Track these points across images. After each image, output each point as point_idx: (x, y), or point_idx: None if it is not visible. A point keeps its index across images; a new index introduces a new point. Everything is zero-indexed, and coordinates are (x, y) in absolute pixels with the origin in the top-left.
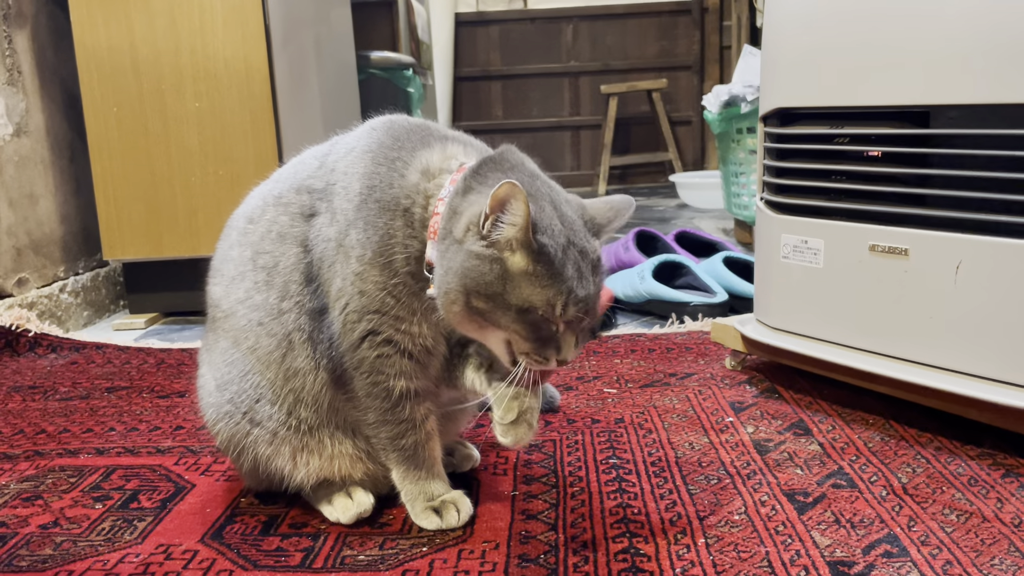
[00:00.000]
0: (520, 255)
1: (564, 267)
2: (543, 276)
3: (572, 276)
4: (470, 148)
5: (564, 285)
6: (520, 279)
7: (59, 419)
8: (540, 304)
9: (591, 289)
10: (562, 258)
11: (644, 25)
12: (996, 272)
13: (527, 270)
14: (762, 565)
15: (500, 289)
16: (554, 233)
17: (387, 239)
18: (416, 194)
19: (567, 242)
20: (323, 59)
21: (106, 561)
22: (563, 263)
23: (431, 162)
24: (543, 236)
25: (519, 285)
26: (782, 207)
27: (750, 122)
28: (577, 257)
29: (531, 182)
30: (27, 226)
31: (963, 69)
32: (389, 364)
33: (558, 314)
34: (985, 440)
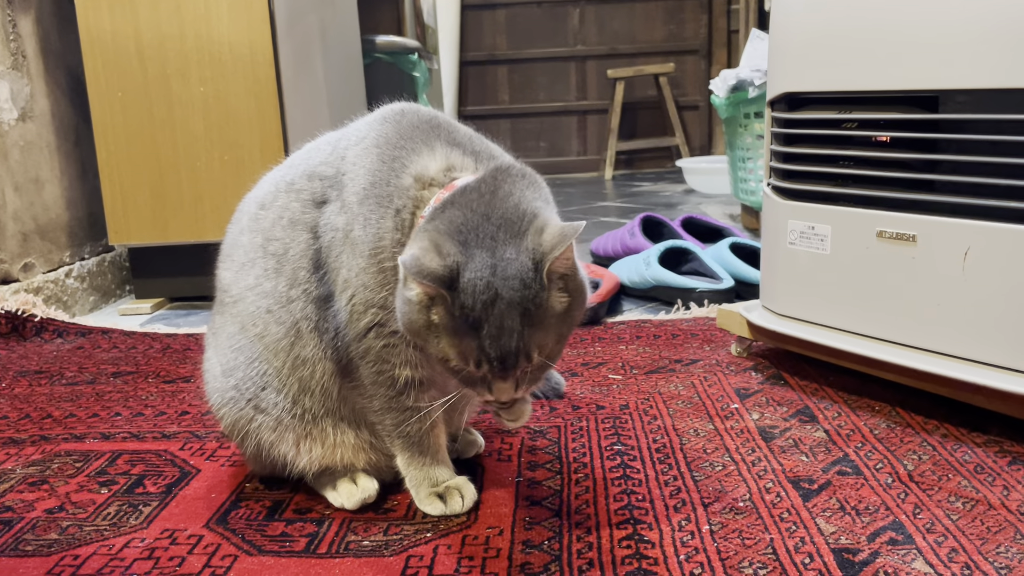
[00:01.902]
0: (439, 309)
1: (480, 325)
2: (456, 332)
3: (487, 335)
4: (468, 160)
5: (476, 343)
6: (439, 331)
7: (65, 404)
8: (452, 357)
9: (511, 346)
10: (480, 316)
11: (651, 9)
12: (1005, 259)
13: (445, 324)
14: (767, 552)
15: (425, 335)
16: (476, 289)
17: (378, 240)
18: (407, 198)
19: (492, 296)
20: (328, 43)
21: (111, 546)
22: (479, 321)
23: (428, 169)
24: (461, 294)
25: (439, 336)
26: (789, 193)
27: (757, 107)
28: (502, 312)
29: (479, 224)
30: (33, 211)
31: (972, 53)
32: (395, 354)
33: (471, 368)
34: (992, 427)
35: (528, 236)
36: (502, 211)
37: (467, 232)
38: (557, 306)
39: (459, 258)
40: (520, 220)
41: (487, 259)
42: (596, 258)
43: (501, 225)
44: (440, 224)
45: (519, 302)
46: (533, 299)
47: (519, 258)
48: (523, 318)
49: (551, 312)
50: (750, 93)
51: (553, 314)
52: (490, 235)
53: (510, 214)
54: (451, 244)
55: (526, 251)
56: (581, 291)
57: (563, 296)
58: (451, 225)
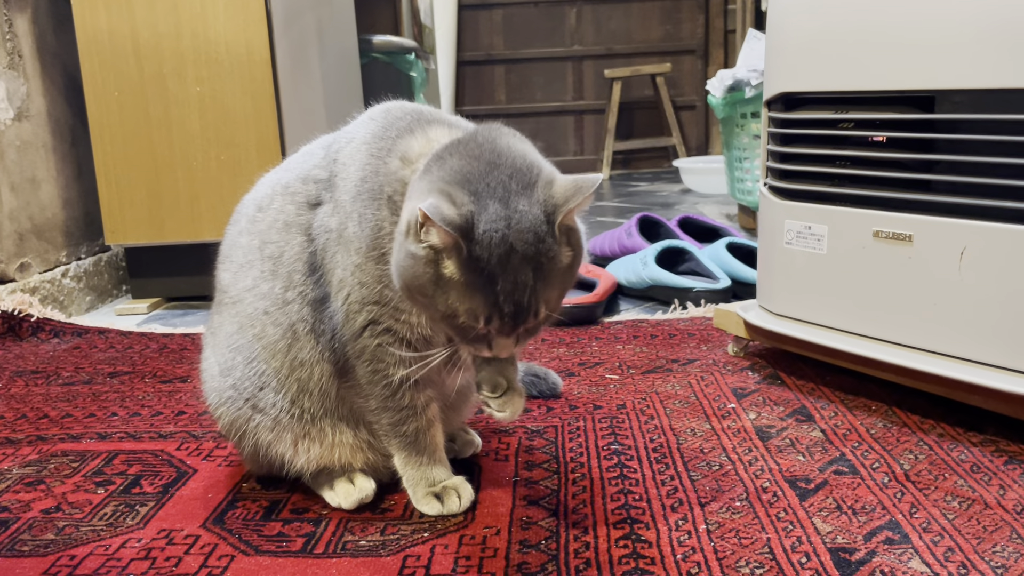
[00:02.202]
0: (452, 262)
1: (495, 279)
2: (469, 287)
3: (503, 290)
4: (455, 130)
5: (491, 298)
6: (449, 285)
7: (62, 404)
8: (462, 313)
9: (524, 301)
10: (494, 269)
11: (648, 9)
12: (1001, 258)
13: (456, 279)
14: (763, 551)
15: (431, 292)
16: (492, 242)
17: (377, 231)
18: (395, 181)
19: (508, 250)
20: (325, 43)
21: (108, 546)
22: (494, 275)
23: (411, 148)
24: (476, 247)
25: (447, 291)
26: (786, 193)
27: (754, 107)
28: (516, 266)
29: (486, 172)
30: (29, 211)
31: (968, 53)
32: (389, 353)
33: (481, 324)
34: (988, 427)
35: (538, 187)
36: (509, 160)
37: (476, 181)
38: (565, 260)
39: (472, 207)
40: (529, 171)
41: (501, 210)
42: (593, 258)
43: (512, 175)
44: (444, 174)
45: (533, 256)
46: (546, 253)
47: (532, 210)
48: (536, 272)
49: (560, 266)
50: (747, 93)
51: (561, 268)
52: (502, 184)
53: (518, 164)
54: (462, 193)
55: (538, 203)
56: (581, 245)
57: (569, 250)
58: (458, 174)
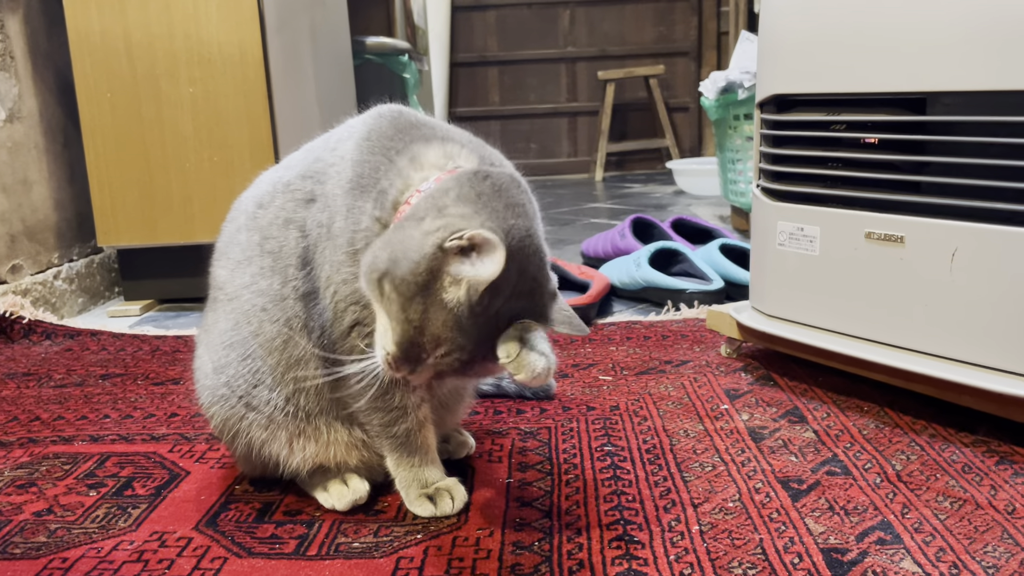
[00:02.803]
0: (458, 291)
1: (475, 328)
2: (454, 321)
3: (475, 338)
4: (467, 149)
5: (461, 341)
6: (435, 303)
7: (53, 406)
8: (426, 335)
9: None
10: (482, 320)
11: (641, 11)
12: (992, 259)
13: (448, 305)
14: (756, 552)
15: (411, 293)
16: (496, 292)
17: (356, 225)
18: (397, 177)
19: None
20: (318, 44)
21: (100, 548)
22: (479, 324)
23: (426, 156)
24: (488, 295)
25: (429, 307)
26: (778, 194)
27: (747, 109)
28: (492, 322)
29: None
30: (21, 212)
31: (959, 55)
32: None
33: (435, 353)
34: (979, 428)
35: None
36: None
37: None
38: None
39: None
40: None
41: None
42: (587, 259)
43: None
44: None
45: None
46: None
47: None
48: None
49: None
50: (739, 95)
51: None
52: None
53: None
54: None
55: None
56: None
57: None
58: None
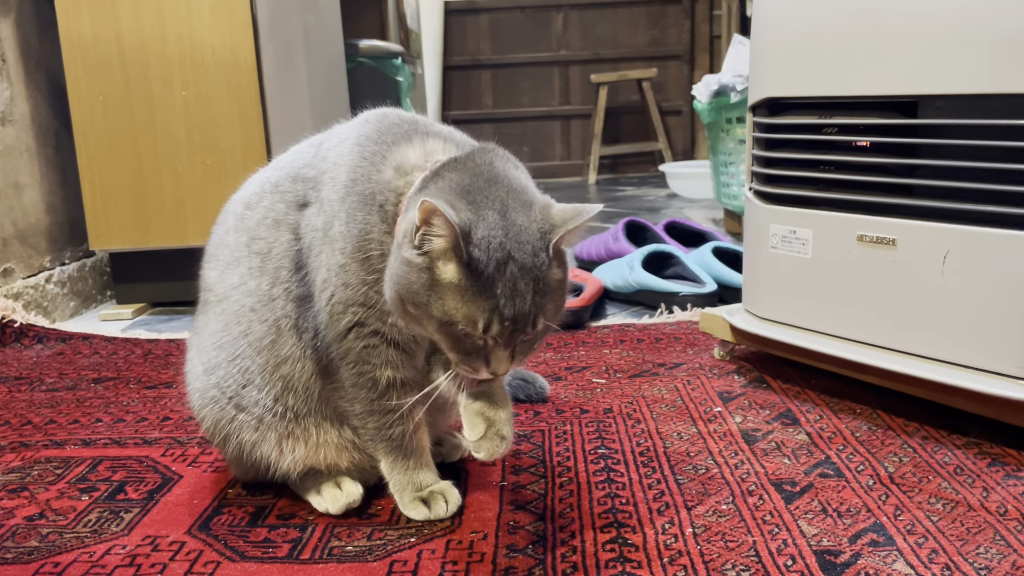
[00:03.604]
0: (451, 266)
1: (494, 283)
2: (468, 291)
3: (502, 294)
4: (450, 144)
5: (490, 302)
6: (446, 291)
7: (45, 410)
8: (460, 319)
9: (524, 308)
10: (493, 274)
11: (634, 14)
12: (983, 262)
13: (455, 283)
14: (749, 554)
15: (425, 299)
16: (490, 247)
17: (365, 234)
18: (389, 191)
19: (506, 256)
20: (311, 47)
21: (92, 553)
22: (493, 279)
23: (407, 158)
24: (475, 249)
25: (443, 297)
26: (771, 197)
27: (739, 112)
28: (515, 274)
29: (484, 187)
30: (12, 216)
31: (950, 59)
32: (376, 354)
33: (480, 331)
34: (971, 429)
35: (535, 208)
36: (507, 180)
37: (474, 192)
38: (556, 279)
39: (471, 215)
40: (525, 192)
41: (499, 220)
42: (580, 262)
43: (509, 192)
44: (443, 185)
45: (531, 268)
46: (541, 267)
47: (529, 226)
48: (535, 284)
49: (554, 283)
50: (732, 98)
51: (554, 285)
52: (499, 199)
53: (515, 185)
54: (461, 202)
55: (535, 220)
56: (567, 263)
57: (559, 271)
58: (457, 186)
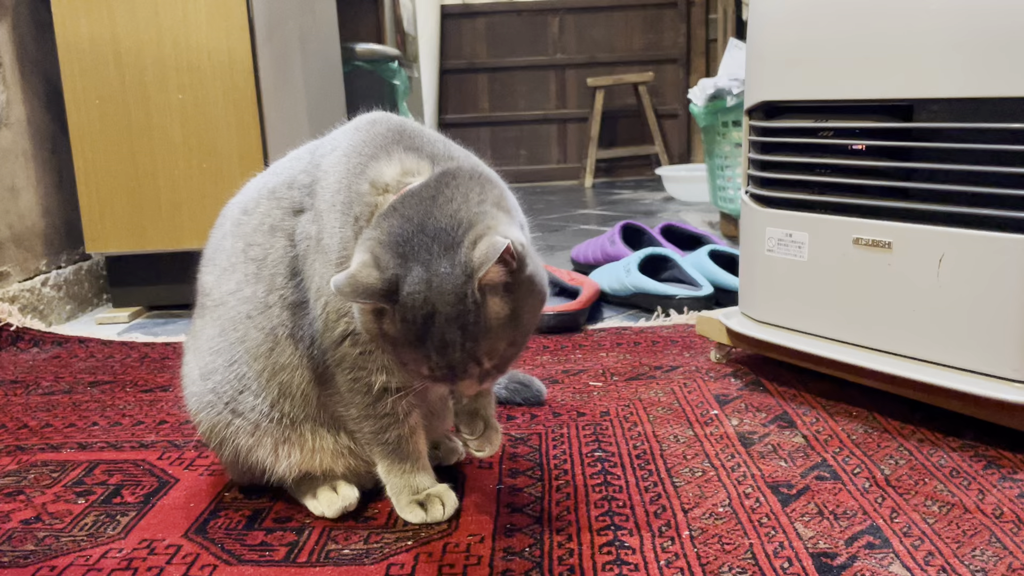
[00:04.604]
0: (386, 321)
1: (423, 338)
2: (406, 343)
3: (431, 346)
4: (424, 162)
5: (423, 355)
6: (390, 339)
7: (41, 414)
8: (409, 362)
9: (455, 356)
10: (421, 329)
11: (630, 18)
12: (978, 265)
13: (392, 335)
14: (746, 557)
15: (381, 344)
16: (415, 304)
17: (343, 249)
18: (364, 204)
19: (431, 311)
20: (308, 51)
21: (89, 556)
22: (422, 334)
23: (384, 174)
24: (402, 308)
25: (390, 343)
26: (767, 200)
27: (735, 115)
28: (442, 325)
29: (413, 235)
30: (8, 219)
31: (945, 63)
32: (370, 360)
33: (426, 374)
34: (967, 432)
35: (462, 248)
36: (436, 220)
37: (404, 244)
38: (500, 313)
39: (398, 271)
40: (455, 230)
41: (422, 273)
42: (577, 265)
43: (435, 236)
44: (380, 235)
45: (456, 317)
46: (469, 313)
47: (453, 271)
48: (463, 331)
49: (494, 321)
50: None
51: (497, 322)
52: (425, 247)
53: (444, 223)
54: (390, 256)
55: (460, 264)
56: (530, 293)
57: (505, 304)
58: (390, 236)
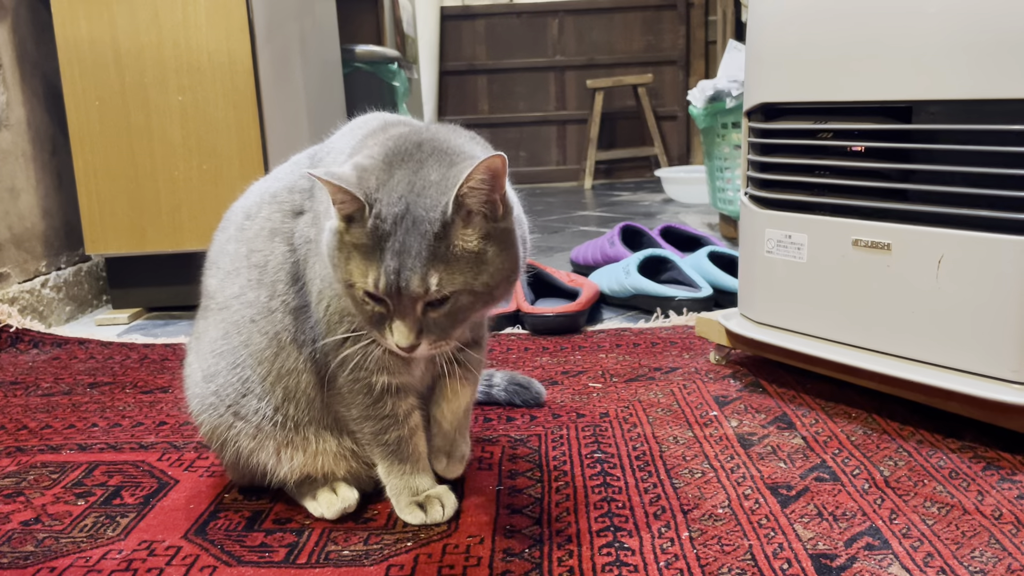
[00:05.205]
0: (356, 228)
1: (387, 239)
2: (364, 248)
3: (390, 247)
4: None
5: (378, 256)
6: (351, 250)
7: (41, 415)
8: (356, 277)
9: (409, 262)
10: (389, 230)
11: (630, 20)
12: (977, 267)
13: (355, 242)
14: (745, 558)
15: (338, 261)
16: (390, 202)
17: None
18: None
19: (403, 210)
20: (308, 53)
21: (88, 558)
22: (387, 235)
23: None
24: (378, 204)
25: (349, 257)
26: (766, 202)
27: (735, 117)
28: (409, 227)
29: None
30: (8, 220)
31: (944, 65)
32: (371, 360)
33: (369, 285)
34: (966, 433)
35: (455, 166)
36: (436, 144)
37: (393, 155)
38: (467, 244)
39: (381, 176)
40: (455, 154)
41: (407, 176)
42: (576, 267)
43: (432, 153)
44: (368, 150)
45: (424, 221)
46: (440, 223)
47: (439, 182)
48: (425, 240)
49: (458, 248)
50: (727, 103)
51: (461, 252)
52: (417, 159)
53: (442, 146)
54: (374, 164)
55: (448, 179)
56: (503, 246)
57: (476, 238)
58: (381, 150)
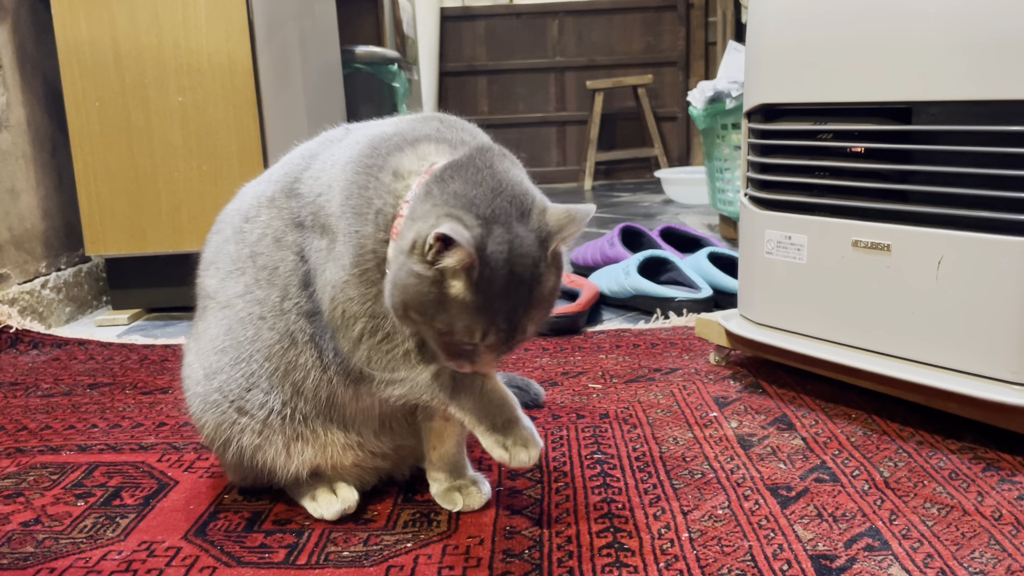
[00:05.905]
0: (459, 283)
1: (496, 299)
2: (472, 306)
3: (500, 308)
4: (442, 145)
5: (490, 316)
6: (451, 304)
7: (41, 416)
8: (460, 330)
9: (518, 319)
10: (498, 290)
11: (630, 21)
12: (976, 268)
13: (460, 298)
14: (745, 559)
15: (431, 310)
16: (498, 264)
17: (360, 248)
18: (387, 194)
19: (509, 272)
20: (307, 54)
21: (88, 559)
22: (495, 296)
23: (402, 164)
24: (485, 268)
25: (448, 309)
26: (766, 203)
27: (735, 118)
28: (514, 287)
29: (490, 198)
30: (8, 221)
31: (944, 66)
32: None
33: (476, 340)
34: (966, 434)
35: (534, 215)
36: (508, 187)
37: (481, 206)
38: (551, 283)
39: (481, 231)
40: (525, 198)
41: (504, 234)
42: (576, 268)
43: (511, 201)
44: (449, 198)
45: (528, 279)
46: (539, 276)
47: (528, 236)
48: (529, 295)
49: (548, 289)
50: (727, 104)
51: (548, 290)
52: (504, 210)
53: (516, 191)
54: (470, 217)
55: (534, 230)
56: (560, 270)
57: (554, 277)
58: (463, 199)
